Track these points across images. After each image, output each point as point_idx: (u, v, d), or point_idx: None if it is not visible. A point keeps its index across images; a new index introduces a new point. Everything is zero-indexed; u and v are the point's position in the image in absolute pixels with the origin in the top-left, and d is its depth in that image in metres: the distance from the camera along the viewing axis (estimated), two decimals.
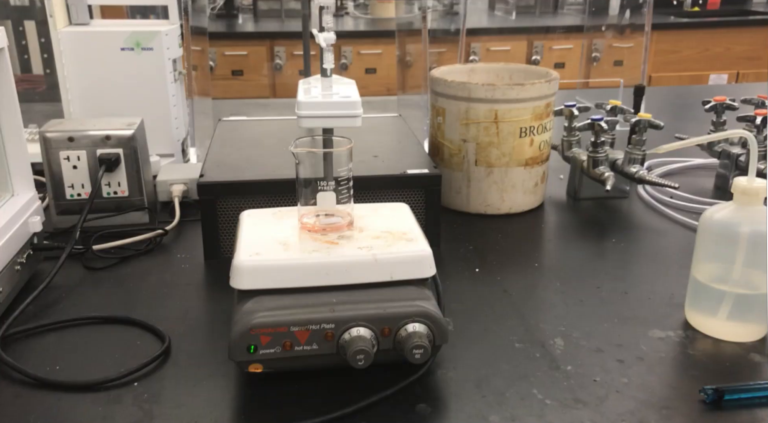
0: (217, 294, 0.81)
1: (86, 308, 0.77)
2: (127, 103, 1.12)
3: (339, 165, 0.68)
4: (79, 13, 1.12)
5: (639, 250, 0.90)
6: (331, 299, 0.63)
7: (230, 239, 0.88)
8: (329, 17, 0.64)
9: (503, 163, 0.99)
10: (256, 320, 0.61)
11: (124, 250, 0.90)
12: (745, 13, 3.57)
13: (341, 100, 0.65)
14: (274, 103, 1.85)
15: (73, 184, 0.94)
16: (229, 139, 1.04)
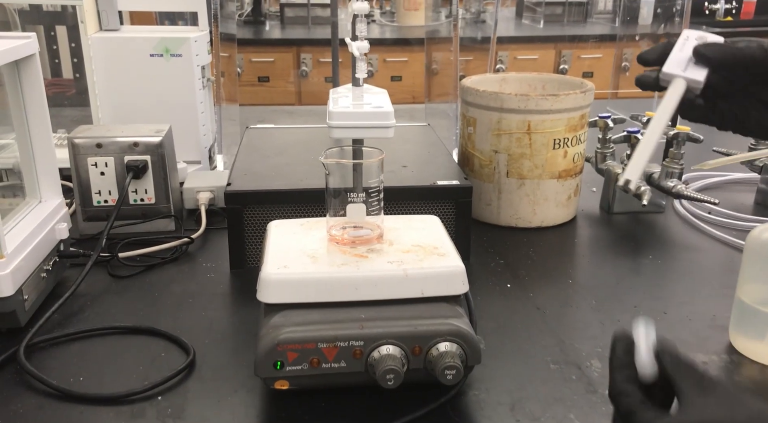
0: (243, 305, 0.79)
1: (111, 317, 0.76)
2: (156, 109, 1.11)
3: (369, 176, 0.66)
4: (110, 19, 1.12)
5: (677, 268, 0.87)
6: (359, 315, 0.61)
7: (256, 249, 0.86)
8: (363, 26, 0.62)
9: (536, 175, 0.96)
10: (283, 336, 0.59)
11: (150, 258, 0.90)
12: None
13: (374, 110, 0.63)
14: (299, 110, 1.85)
15: (100, 191, 0.94)
16: (257, 147, 1.03)
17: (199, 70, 1.13)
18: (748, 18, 3.57)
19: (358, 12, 0.61)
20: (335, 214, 0.68)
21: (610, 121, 1.04)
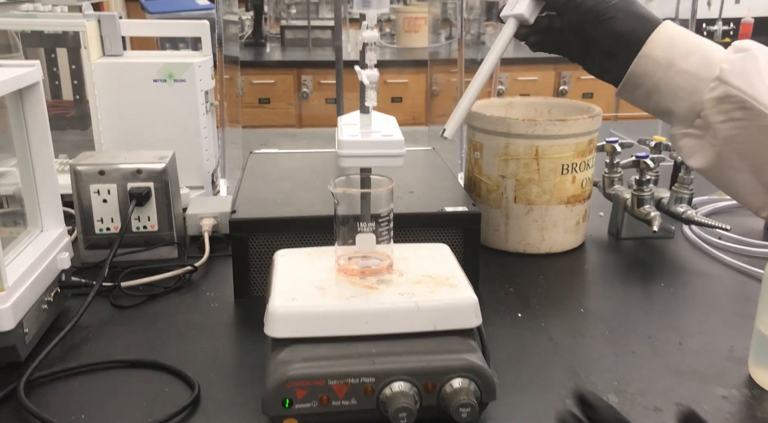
0: (248, 336, 0.77)
1: (113, 350, 0.74)
2: (158, 134, 1.10)
3: (379, 205, 0.65)
4: (113, 45, 1.11)
5: (690, 296, 0.86)
6: (370, 350, 0.60)
7: (261, 277, 0.85)
8: (373, 54, 0.61)
9: (544, 201, 0.95)
10: (291, 372, 0.58)
11: (153, 288, 0.88)
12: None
13: (384, 139, 0.62)
14: (302, 133, 1.84)
15: (102, 219, 0.92)
16: (261, 172, 1.01)
17: (203, 94, 1.12)
18: (745, 39, 3.59)
19: (368, 40, 0.60)
20: (344, 243, 0.66)
21: (617, 145, 1.03)
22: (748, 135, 0.54)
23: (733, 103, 0.54)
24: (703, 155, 0.57)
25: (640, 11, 0.61)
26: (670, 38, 0.58)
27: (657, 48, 0.57)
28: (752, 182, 0.56)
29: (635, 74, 0.59)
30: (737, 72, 0.54)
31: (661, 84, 0.57)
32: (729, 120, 0.54)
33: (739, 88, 0.54)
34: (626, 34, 0.59)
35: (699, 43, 0.58)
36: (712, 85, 0.55)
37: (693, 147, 0.58)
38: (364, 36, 0.61)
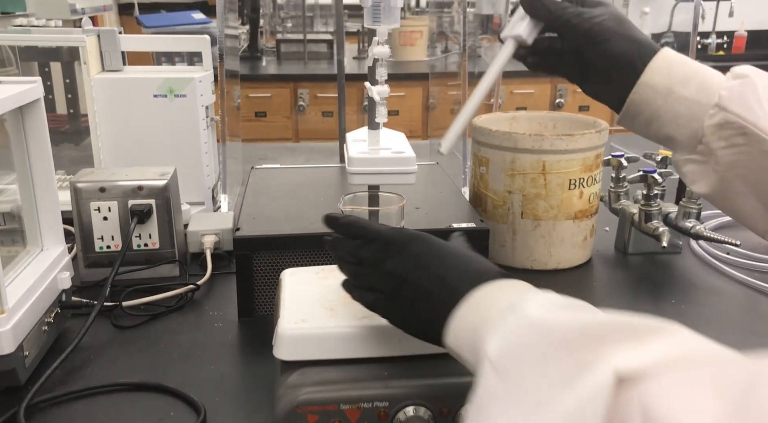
0: (254, 357, 0.76)
1: (116, 372, 0.72)
2: (159, 150, 1.09)
3: (389, 222, 0.64)
4: (113, 60, 1.10)
5: (701, 313, 0.84)
6: (383, 372, 0.58)
7: (266, 296, 0.83)
8: (383, 70, 0.60)
9: (551, 216, 0.94)
10: (303, 396, 0.56)
11: (154, 307, 0.86)
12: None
13: (395, 156, 0.61)
14: (301, 147, 1.83)
15: (102, 236, 0.91)
16: (264, 188, 1.00)
17: (203, 110, 1.11)
18: (739, 52, 3.61)
19: (378, 56, 0.59)
20: None
21: (623, 160, 1.03)
22: (750, 160, 0.53)
23: (733, 129, 0.53)
24: (707, 181, 0.57)
25: (636, 35, 0.60)
26: (669, 65, 0.57)
27: (656, 75, 0.57)
28: (757, 206, 0.55)
29: (635, 102, 0.58)
30: (736, 98, 0.54)
31: (661, 111, 0.57)
32: (730, 146, 0.54)
33: (739, 114, 0.53)
34: (622, 57, 0.59)
35: (697, 70, 0.57)
36: (711, 112, 0.55)
37: (696, 173, 0.57)
38: (375, 52, 0.60)
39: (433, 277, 0.53)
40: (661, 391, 0.31)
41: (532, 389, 0.39)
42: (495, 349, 0.43)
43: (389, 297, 0.55)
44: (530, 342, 0.41)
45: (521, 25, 0.62)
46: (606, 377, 0.34)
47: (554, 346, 0.39)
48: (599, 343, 0.37)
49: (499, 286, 0.50)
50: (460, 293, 0.50)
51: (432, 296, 0.52)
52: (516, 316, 0.44)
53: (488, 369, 0.42)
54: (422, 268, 0.53)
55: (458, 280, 0.51)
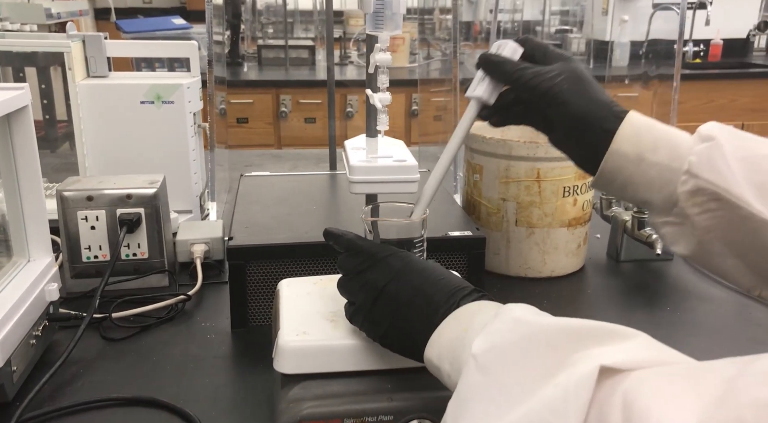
0: (250, 369, 0.74)
1: (107, 387, 0.70)
2: (145, 157, 1.07)
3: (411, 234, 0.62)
4: (98, 66, 1.07)
5: (697, 320, 0.85)
6: (386, 385, 0.57)
7: (260, 306, 0.82)
8: (385, 77, 0.59)
9: (545, 224, 0.94)
10: (305, 411, 0.55)
11: (145, 318, 0.84)
12: (745, 66, 3.60)
13: (397, 164, 0.60)
14: (287, 154, 1.81)
15: (90, 246, 0.88)
16: (255, 196, 0.98)
17: (191, 116, 1.09)
18: (715, 60, 3.67)
19: (380, 64, 0.58)
20: None
21: None
22: (726, 224, 0.53)
23: (705, 195, 0.53)
24: (686, 243, 0.56)
25: (596, 96, 0.58)
26: (637, 132, 0.56)
27: (625, 143, 0.56)
28: (738, 265, 0.55)
29: (606, 170, 0.57)
30: (705, 164, 0.53)
31: (634, 178, 0.57)
32: (705, 211, 0.54)
33: (710, 181, 0.53)
34: (584, 120, 0.58)
35: (665, 133, 0.57)
36: (683, 179, 0.54)
37: (675, 234, 0.57)
38: (377, 58, 0.59)
39: (411, 289, 0.54)
40: (642, 385, 0.33)
41: (513, 383, 0.40)
42: (479, 346, 0.44)
43: (367, 309, 0.55)
44: (514, 339, 0.43)
45: (482, 86, 0.60)
46: (590, 370, 0.35)
47: (537, 343, 0.41)
48: (581, 342, 0.39)
49: (482, 303, 0.51)
50: (442, 309, 0.51)
51: (411, 309, 0.53)
52: (501, 319, 0.46)
53: (471, 365, 0.44)
54: (401, 280, 0.54)
55: (439, 296, 0.52)
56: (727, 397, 0.29)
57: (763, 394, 0.28)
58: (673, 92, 1.37)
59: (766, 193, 0.52)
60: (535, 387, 0.38)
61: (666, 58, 3.68)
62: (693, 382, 0.32)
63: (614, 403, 0.33)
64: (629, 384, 0.33)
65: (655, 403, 0.31)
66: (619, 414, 0.32)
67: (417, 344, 0.52)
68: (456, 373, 0.47)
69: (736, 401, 0.28)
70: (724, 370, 0.31)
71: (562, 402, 0.35)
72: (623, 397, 0.32)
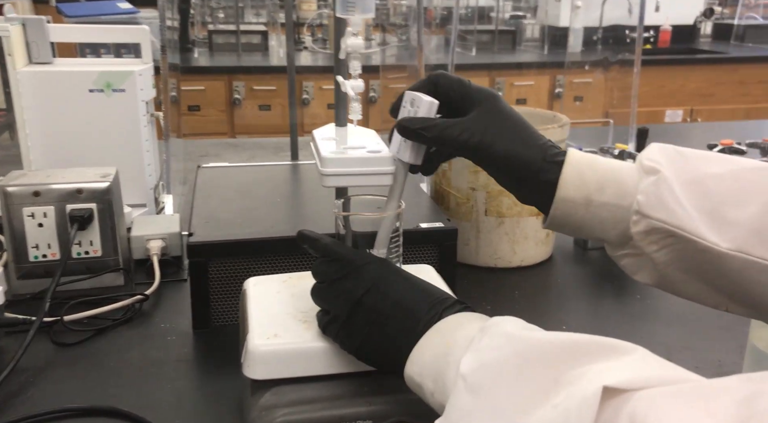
0: (214, 372, 0.70)
1: (60, 396, 0.65)
2: (95, 149, 1.01)
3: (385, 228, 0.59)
4: (41, 52, 1.01)
5: (667, 308, 0.84)
6: (364, 388, 0.54)
7: (223, 306, 0.78)
8: (357, 63, 0.56)
9: (515, 213, 0.92)
10: (280, 419, 0.52)
11: (99, 320, 0.79)
12: (693, 52, 3.68)
13: (370, 155, 0.57)
14: (244, 143, 1.75)
15: (37, 245, 0.83)
16: (214, 189, 0.94)
17: (144, 105, 1.03)
18: (665, 46, 3.74)
19: (352, 49, 0.55)
20: None
21: None
22: (685, 256, 0.52)
23: (660, 234, 0.52)
24: (648, 273, 0.55)
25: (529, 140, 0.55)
26: (580, 174, 0.54)
27: (571, 189, 0.54)
28: (703, 288, 0.54)
29: (557, 217, 0.55)
30: (654, 204, 0.52)
31: (586, 220, 0.55)
32: (662, 247, 0.52)
33: (662, 219, 0.51)
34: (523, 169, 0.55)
35: (609, 171, 0.54)
36: (635, 219, 0.53)
37: (635, 266, 0.55)
38: (349, 44, 0.55)
39: (390, 302, 0.51)
40: (651, 407, 0.31)
41: (507, 404, 0.38)
42: (468, 365, 0.42)
43: (343, 320, 0.52)
44: (505, 356, 0.41)
45: (406, 149, 0.55)
46: (592, 391, 0.33)
47: (530, 360, 0.39)
48: (577, 357, 0.37)
49: (465, 315, 0.49)
50: (423, 322, 0.49)
51: (389, 321, 0.50)
52: (490, 334, 0.43)
53: (461, 386, 0.41)
54: (379, 291, 0.51)
55: (420, 308, 0.50)
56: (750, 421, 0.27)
57: None
58: (634, 78, 1.37)
59: (717, 221, 0.50)
60: (531, 408, 0.36)
61: (619, 44, 3.73)
62: (704, 402, 0.29)
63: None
64: (636, 405, 0.31)
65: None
66: None
67: (396, 359, 0.49)
68: (440, 392, 0.44)
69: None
70: (737, 390, 0.29)
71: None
72: (630, 421, 0.30)
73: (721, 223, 0.51)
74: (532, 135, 0.56)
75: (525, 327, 0.45)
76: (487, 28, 3.52)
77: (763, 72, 3.35)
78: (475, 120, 0.55)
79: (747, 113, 3.30)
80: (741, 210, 0.51)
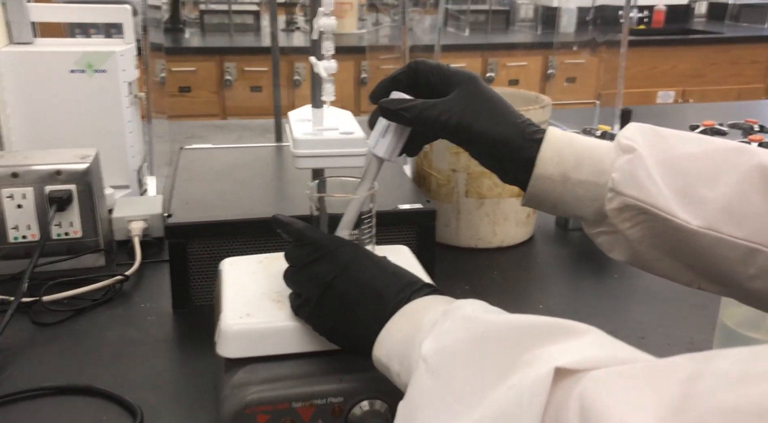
0: (192, 351, 0.71)
1: (38, 375, 0.66)
2: (77, 131, 1.01)
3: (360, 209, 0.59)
4: (22, 31, 1.00)
5: (644, 287, 0.85)
6: (335, 366, 0.55)
7: (202, 285, 0.78)
8: (330, 43, 0.56)
9: (495, 194, 0.93)
10: (251, 396, 0.52)
11: (79, 301, 0.80)
12: (686, 32, 3.66)
13: (343, 137, 0.57)
14: (230, 124, 1.75)
15: (17, 226, 0.83)
16: (195, 170, 0.94)
17: (126, 86, 1.03)
18: (658, 26, 3.72)
19: (324, 29, 0.55)
20: None
21: None
22: (657, 234, 0.53)
23: (633, 210, 0.52)
24: (622, 251, 0.56)
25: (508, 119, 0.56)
26: (558, 151, 0.54)
27: (549, 166, 0.54)
28: (675, 265, 0.54)
29: (534, 193, 0.56)
30: (628, 181, 0.52)
31: (563, 197, 0.55)
32: (635, 225, 0.53)
33: (635, 197, 0.52)
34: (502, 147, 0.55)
35: (586, 149, 0.55)
36: (609, 196, 0.53)
37: (609, 243, 0.56)
38: (321, 23, 0.55)
39: (360, 285, 0.51)
40: (599, 387, 0.31)
41: (465, 387, 0.39)
42: (429, 347, 0.43)
43: (315, 303, 0.53)
44: (464, 338, 0.41)
45: (383, 144, 0.56)
46: (544, 372, 0.33)
47: (488, 343, 0.40)
48: (532, 339, 0.38)
49: (433, 299, 0.50)
50: (391, 305, 0.50)
51: (359, 304, 0.51)
52: (452, 318, 0.44)
53: (422, 368, 0.42)
54: (349, 275, 0.52)
55: (389, 291, 0.50)
56: (689, 401, 0.27)
57: (727, 400, 0.26)
58: (620, 59, 1.37)
59: (689, 199, 0.51)
60: (487, 390, 0.37)
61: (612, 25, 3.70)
62: (651, 382, 0.30)
63: (571, 406, 0.31)
64: (585, 386, 0.31)
65: (614, 407, 0.29)
66: (576, 418, 0.30)
67: (365, 341, 0.50)
68: (405, 373, 0.45)
69: (699, 406, 0.27)
70: (683, 368, 0.30)
71: (516, 406, 0.34)
72: (580, 401, 0.31)
73: (692, 201, 0.51)
74: (511, 114, 0.57)
75: (486, 310, 0.45)
76: (481, 8, 3.49)
77: (756, 52, 3.34)
78: (455, 100, 0.55)
79: (739, 94, 3.29)
80: (712, 189, 0.52)
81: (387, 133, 0.56)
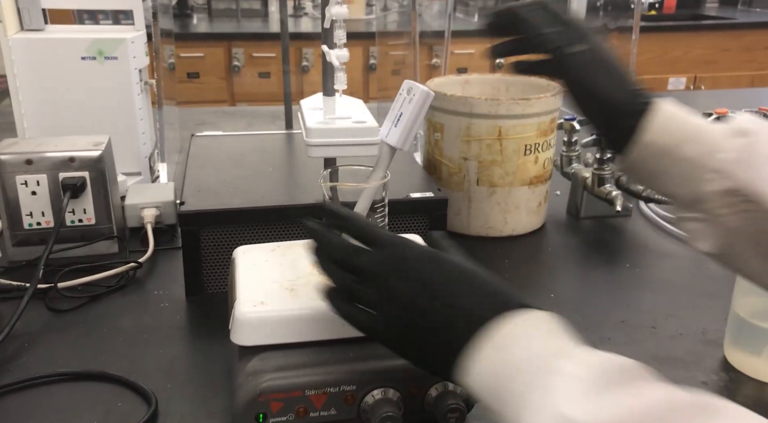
0: (206, 338, 0.72)
1: (54, 362, 0.67)
2: (88, 118, 1.01)
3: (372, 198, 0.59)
4: (33, 18, 1.00)
5: (655, 276, 0.85)
6: (348, 354, 0.56)
7: (215, 273, 0.79)
8: (342, 32, 0.56)
9: (507, 183, 0.92)
10: (265, 384, 0.53)
11: (93, 287, 0.80)
12: (698, 18, 3.62)
13: (356, 126, 0.57)
14: (240, 111, 1.75)
15: (31, 212, 0.83)
16: (207, 157, 0.94)
17: (137, 73, 1.03)
18: (670, 12, 3.68)
19: (337, 17, 0.55)
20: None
21: (576, 123, 1.02)
22: (758, 226, 0.50)
23: (739, 196, 0.50)
24: (711, 241, 0.53)
25: (623, 84, 0.56)
26: (668, 125, 0.54)
27: (657, 136, 0.53)
28: (764, 267, 0.52)
29: (634, 161, 0.55)
30: (742, 164, 0.50)
31: (663, 170, 0.54)
32: (736, 212, 0.50)
33: (747, 181, 0.50)
34: (613, 108, 0.56)
35: (694, 127, 0.54)
36: (713, 177, 0.51)
37: (700, 231, 0.54)
38: (333, 12, 0.55)
39: (445, 306, 0.45)
40: None
41: None
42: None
43: (390, 323, 0.47)
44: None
45: (395, 133, 0.56)
46: None
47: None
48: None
49: (524, 326, 0.43)
50: (478, 330, 0.43)
51: (442, 328, 0.45)
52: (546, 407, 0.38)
53: None
54: (432, 294, 0.46)
55: (475, 312, 0.44)
56: None
57: None
58: (632, 46, 1.35)
59: None
60: None
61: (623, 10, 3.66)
62: None
63: None
64: None
65: None
66: None
67: (449, 366, 0.45)
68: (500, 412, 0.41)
69: None
70: None
71: None
72: None
73: None
74: (626, 76, 0.57)
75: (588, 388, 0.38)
76: None
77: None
78: (575, 47, 0.57)
79: (752, 80, 3.26)
80: None
81: (399, 122, 0.56)
